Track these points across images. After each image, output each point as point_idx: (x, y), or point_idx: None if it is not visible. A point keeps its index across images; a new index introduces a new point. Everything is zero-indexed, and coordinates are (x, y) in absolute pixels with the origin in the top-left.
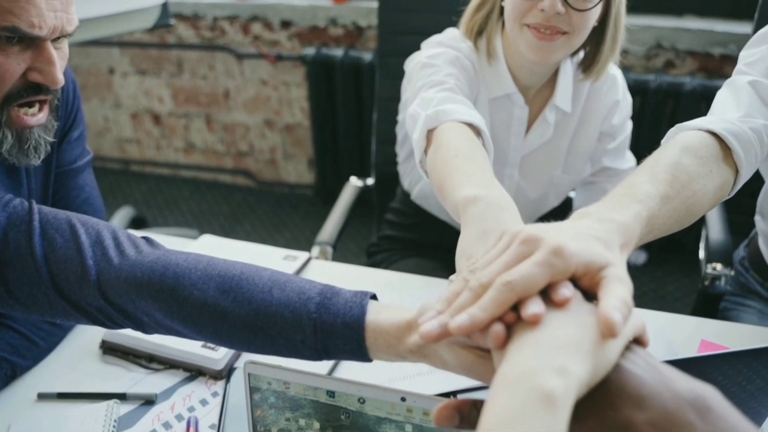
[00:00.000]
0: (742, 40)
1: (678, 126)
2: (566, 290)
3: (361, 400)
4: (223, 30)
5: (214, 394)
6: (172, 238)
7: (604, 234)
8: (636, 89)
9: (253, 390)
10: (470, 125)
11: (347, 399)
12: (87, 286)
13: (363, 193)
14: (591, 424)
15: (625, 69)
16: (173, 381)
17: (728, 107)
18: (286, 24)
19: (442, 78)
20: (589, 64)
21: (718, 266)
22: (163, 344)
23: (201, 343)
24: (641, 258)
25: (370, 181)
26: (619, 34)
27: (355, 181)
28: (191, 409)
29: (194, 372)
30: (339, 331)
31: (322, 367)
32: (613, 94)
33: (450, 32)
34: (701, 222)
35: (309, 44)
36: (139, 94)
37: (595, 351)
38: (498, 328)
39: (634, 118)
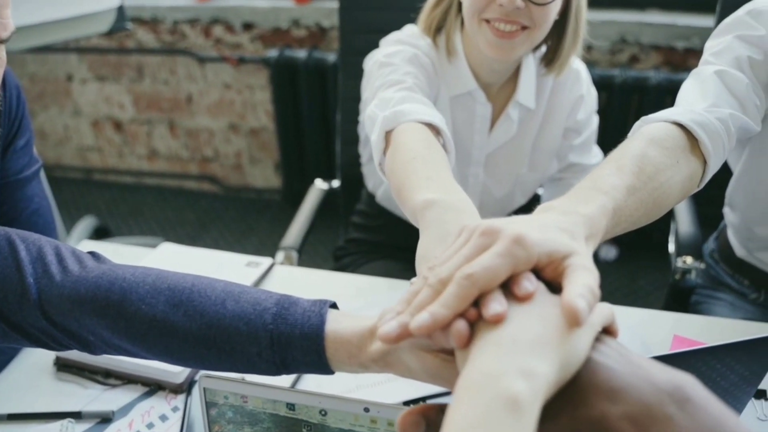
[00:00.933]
0: (704, 33)
1: (644, 119)
2: (528, 284)
3: (323, 412)
4: (184, 34)
5: (175, 409)
6: (131, 248)
7: (568, 225)
8: (601, 84)
9: (209, 405)
10: (429, 125)
11: (308, 411)
12: (27, 306)
13: (329, 196)
14: (563, 422)
15: (590, 64)
16: (131, 397)
17: (694, 98)
18: (248, 26)
19: (400, 77)
20: (551, 59)
21: (689, 260)
22: (120, 359)
23: None
24: (611, 254)
25: (336, 183)
26: (580, 28)
27: (320, 184)
28: (150, 425)
29: (153, 386)
30: (297, 343)
31: (285, 377)
32: (577, 89)
33: (409, 29)
34: (670, 215)
35: (272, 46)
36: (99, 101)
37: (562, 347)
38: (460, 326)
39: (600, 113)
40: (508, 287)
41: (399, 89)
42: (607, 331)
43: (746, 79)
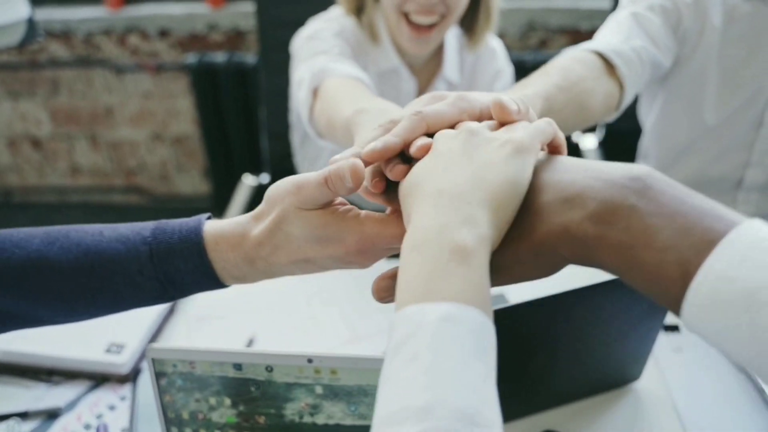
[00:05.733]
0: (605, 15)
1: (564, 50)
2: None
3: (269, 369)
4: (98, 45)
5: (123, 398)
6: None
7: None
8: (515, 68)
9: (159, 375)
10: (355, 79)
11: (255, 369)
12: None
13: (259, 195)
14: (524, 248)
15: None
16: (77, 392)
17: (609, 34)
18: (164, 33)
19: (327, 47)
20: (468, 36)
21: None
22: (62, 356)
23: (103, 349)
24: None
25: (266, 178)
26: (492, 4)
27: (249, 180)
28: (99, 416)
29: (99, 379)
30: (177, 248)
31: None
32: (495, 65)
33: (335, 10)
34: None
35: (190, 52)
36: (14, 119)
37: (499, 188)
38: (399, 164)
39: None
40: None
41: (326, 56)
42: (552, 146)
43: (659, 21)
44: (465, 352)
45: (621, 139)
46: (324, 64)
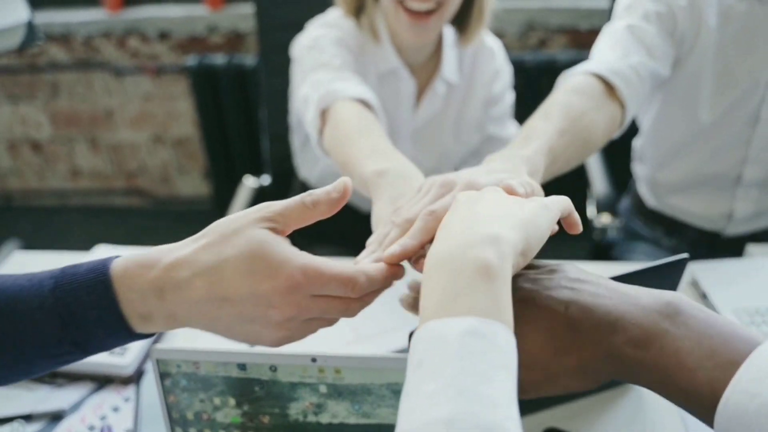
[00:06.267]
0: (604, 14)
1: (565, 73)
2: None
3: (273, 368)
4: (98, 47)
5: (127, 400)
6: (66, 254)
7: (511, 166)
8: (514, 67)
9: (163, 376)
10: (361, 101)
11: (259, 369)
12: None
13: (260, 196)
14: (574, 359)
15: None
16: (81, 393)
17: (606, 51)
18: (163, 36)
19: (329, 58)
20: (461, 31)
21: (606, 217)
22: None
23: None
24: None
25: (266, 180)
26: (485, 1)
27: (249, 182)
28: (103, 417)
29: (102, 381)
30: (81, 278)
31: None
32: (493, 64)
33: (333, 12)
34: (588, 186)
35: (189, 54)
36: (14, 123)
37: (522, 217)
38: (421, 256)
39: (515, 93)
40: None
41: (329, 70)
42: (567, 222)
43: (655, 30)
44: (488, 366)
45: (621, 140)
46: (329, 85)
